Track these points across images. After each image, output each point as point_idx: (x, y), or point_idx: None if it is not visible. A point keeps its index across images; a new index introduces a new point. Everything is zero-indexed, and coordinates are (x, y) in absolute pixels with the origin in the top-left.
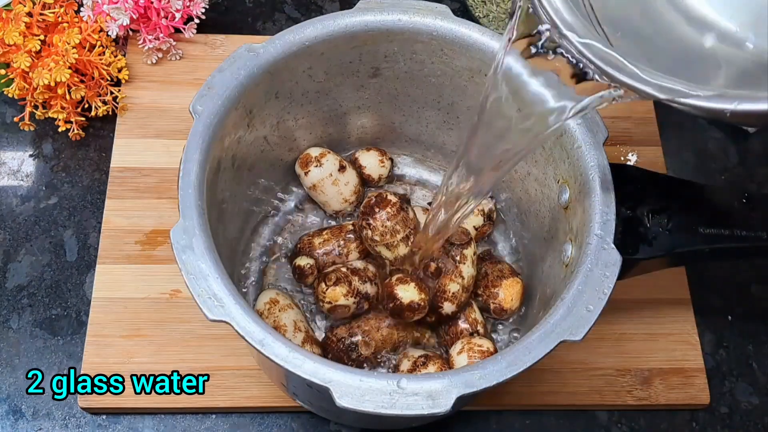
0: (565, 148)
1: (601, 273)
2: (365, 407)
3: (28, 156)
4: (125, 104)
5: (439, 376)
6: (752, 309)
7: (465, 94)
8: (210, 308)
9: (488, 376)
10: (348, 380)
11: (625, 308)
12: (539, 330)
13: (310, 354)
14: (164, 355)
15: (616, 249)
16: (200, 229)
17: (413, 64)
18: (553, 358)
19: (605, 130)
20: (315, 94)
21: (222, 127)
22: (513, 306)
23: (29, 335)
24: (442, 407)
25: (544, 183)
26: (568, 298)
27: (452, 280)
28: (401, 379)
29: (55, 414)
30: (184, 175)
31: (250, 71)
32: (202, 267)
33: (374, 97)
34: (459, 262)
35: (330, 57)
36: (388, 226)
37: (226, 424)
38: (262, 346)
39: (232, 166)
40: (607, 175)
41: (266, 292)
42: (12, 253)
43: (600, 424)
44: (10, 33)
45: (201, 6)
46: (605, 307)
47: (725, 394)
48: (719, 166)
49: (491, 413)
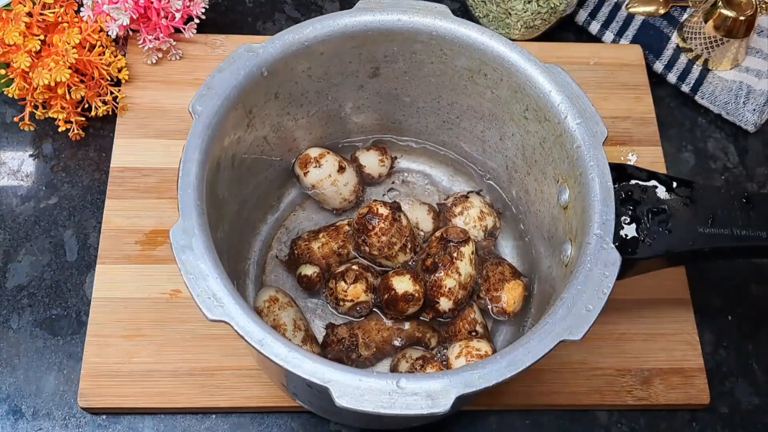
0: (565, 147)
1: (600, 273)
2: (364, 407)
3: (28, 156)
4: (125, 104)
5: (438, 376)
6: (752, 309)
7: (465, 94)
8: (209, 308)
9: (488, 376)
10: (347, 380)
11: (625, 308)
12: (539, 330)
13: (309, 354)
14: (164, 355)
15: (615, 249)
16: (200, 229)
17: (413, 64)
18: (553, 358)
19: (605, 129)
20: (315, 94)
21: (221, 127)
22: (515, 309)
23: (29, 335)
24: (442, 407)
25: (544, 183)
26: (568, 298)
27: (448, 275)
28: (401, 379)
29: (55, 414)
30: (184, 174)
31: (250, 71)
32: (202, 267)
33: (374, 97)
34: (456, 259)
35: (330, 57)
36: (384, 241)
37: (226, 424)
38: (261, 346)
39: (231, 165)
40: (607, 174)
41: (266, 289)
42: (12, 253)
43: (600, 424)
44: (10, 33)
45: (201, 6)
46: (605, 306)
47: (725, 394)
48: (719, 166)
49: (491, 413)
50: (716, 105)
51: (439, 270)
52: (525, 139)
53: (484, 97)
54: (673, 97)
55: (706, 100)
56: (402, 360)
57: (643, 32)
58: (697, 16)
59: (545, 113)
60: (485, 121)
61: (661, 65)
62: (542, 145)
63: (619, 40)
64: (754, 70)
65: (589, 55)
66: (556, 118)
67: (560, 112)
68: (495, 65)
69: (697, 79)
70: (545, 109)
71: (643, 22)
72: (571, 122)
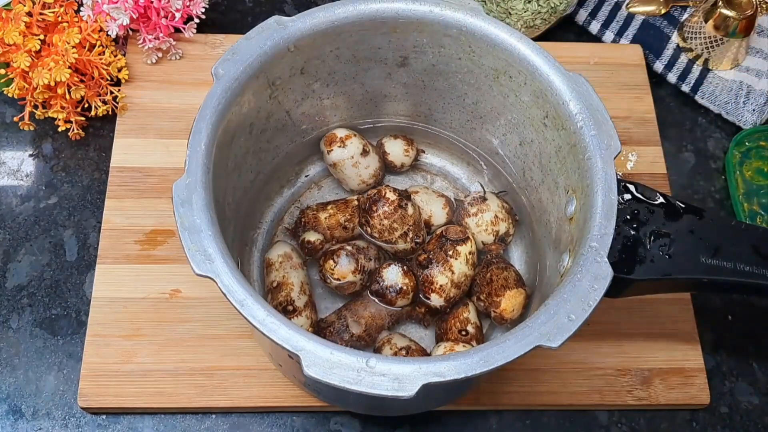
0: (577, 158)
1: (589, 285)
2: (331, 380)
3: (28, 156)
4: (125, 104)
5: (408, 361)
6: (752, 309)
7: (489, 95)
8: (198, 263)
9: (457, 368)
10: (319, 351)
11: (625, 308)
12: (517, 332)
13: (287, 321)
14: (164, 355)
15: (608, 263)
16: (202, 187)
17: (441, 58)
18: (552, 358)
19: (619, 145)
20: (342, 75)
21: (241, 94)
22: (514, 316)
23: (29, 335)
24: (407, 392)
25: (555, 192)
26: (552, 304)
27: (441, 272)
28: (371, 358)
29: (55, 414)
30: (195, 132)
31: (276, 43)
32: (198, 222)
33: (401, 87)
34: (451, 257)
35: (358, 40)
36: (385, 225)
37: (226, 424)
38: (241, 306)
39: (249, 133)
40: (613, 189)
41: (282, 244)
42: (12, 253)
43: (600, 424)
44: (10, 33)
45: (201, 6)
46: (587, 319)
47: (725, 394)
48: (719, 166)
49: (491, 413)
50: (716, 105)
51: (432, 266)
52: (542, 147)
53: (508, 99)
54: (673, 96)
55: (706, 99)
56: (386, 345)
57: (643, 32)
58: (697, 16)
59: (563, 121)
60: (507, 124)
61: (661, 65)
62: (557, 154)
63: (619, 40)
64: (754, 70)
65: (589, 54)
66: (573, 127)
67: (577, 121)
68: (520, 68)
69: (697, 79)
70: (563, 118)
71: (644, 21)
72: (586, 133)
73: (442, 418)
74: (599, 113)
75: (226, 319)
